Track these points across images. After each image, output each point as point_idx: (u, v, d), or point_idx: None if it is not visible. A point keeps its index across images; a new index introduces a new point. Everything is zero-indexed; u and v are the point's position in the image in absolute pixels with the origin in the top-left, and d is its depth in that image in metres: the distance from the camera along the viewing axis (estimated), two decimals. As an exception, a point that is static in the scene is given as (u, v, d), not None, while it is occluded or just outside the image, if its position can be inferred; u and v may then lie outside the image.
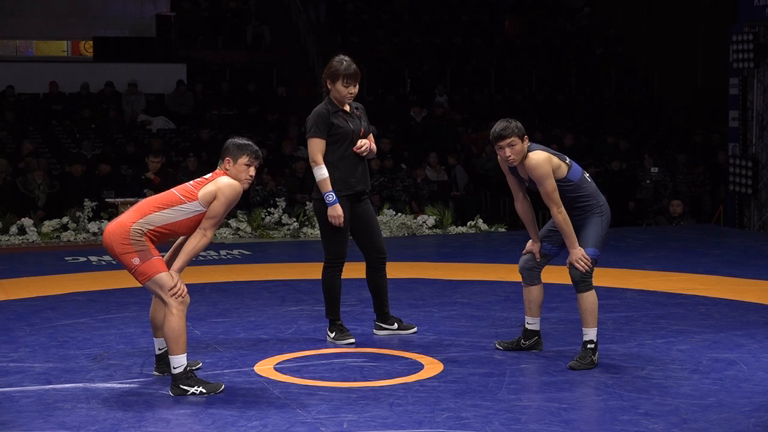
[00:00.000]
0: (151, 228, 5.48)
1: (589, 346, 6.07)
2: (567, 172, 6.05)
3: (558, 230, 6.09)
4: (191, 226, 5.58)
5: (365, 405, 5.30)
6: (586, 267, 6.01)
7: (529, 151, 6.05)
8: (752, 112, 14.60)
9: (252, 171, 5.65)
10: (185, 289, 5.49)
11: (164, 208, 5.53)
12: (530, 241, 6.31)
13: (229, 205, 5.56)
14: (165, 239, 5.58)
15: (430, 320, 7.41)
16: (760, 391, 5.54)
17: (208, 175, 5.69)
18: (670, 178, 15.93)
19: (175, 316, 5.44)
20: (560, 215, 5.99)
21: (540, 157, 5.99)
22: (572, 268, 6.04)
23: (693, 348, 6.53)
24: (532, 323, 6.41)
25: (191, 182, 5.69)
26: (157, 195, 5.71)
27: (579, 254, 6.01)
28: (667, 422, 5.01)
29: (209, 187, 5.57)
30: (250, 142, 5.71)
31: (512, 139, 6.00)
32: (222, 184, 5.56)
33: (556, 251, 6.25)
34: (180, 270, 5.54)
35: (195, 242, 5.53)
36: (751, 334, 6.91)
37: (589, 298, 6.06)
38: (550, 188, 5.96)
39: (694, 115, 21.21)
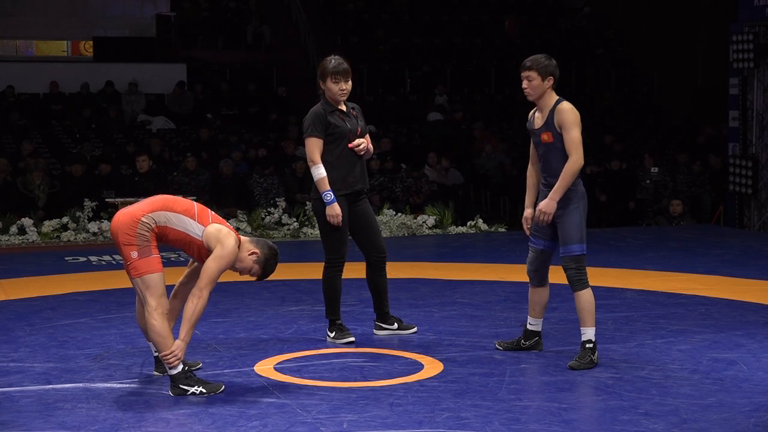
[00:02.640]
0: (157, 224, 5.50)
1: (587, 345, 6.07)
2: None
3: (540, 222, 6.09)
4: (183, 243, 5.59)
5: (365, 405, 5.30)
6: (546, 220, 6.04)
7: (560, 99, 6.10)
8: (752, 112, 14.59)
9: (252, 273, 5.66)
10: (181, 358, 5.47)
11: (172, 212, 5.54)
12: (527, 208, 6.30)
13: (222, 268, 5.52)
14: (162, 240, 5.58)
15: (430, 320, 7.41)
16: (760, 391, 5.54)
17: (230, 226, 5.68)
18: (670, 178, 15.92)
19: (156, 320, 5.46)
20: (577, 164, 5.96)
21: (572, 107, 6.07)
22: (566, 268, 6.06)
23: (693, 348, 6.53)
24: (534, 324, 6.40)
25: (214, 213, 5.70)
26: (177, 197, 5.74)
27: (551, 208, 6.00)
28: (667, 422, 5.01)
29: (215, 235, 5.51)
30: (276, 253, 5.68)
31: (531, 72, 6.10)
32: (225, 247, 5.49)
33: (549, 245, 6.22)
34: (186, 340, 5.49)
35: (193, 306, 5.47)
36: (751, 334, 6.91)
37: (585, 297, 6.06)
38: (576, 136, 5.98)
39: (694, 115, 21.21)
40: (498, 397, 5.45)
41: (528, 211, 6.29)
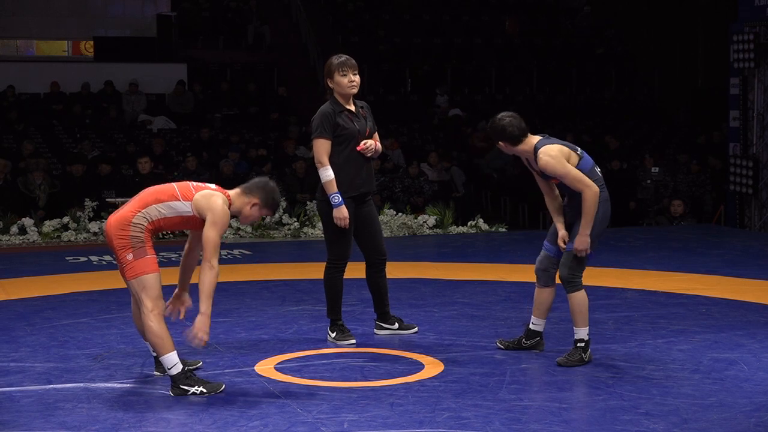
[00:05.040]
0: (150, 221, 5.52)
1: (579, 344, 6.09)
2: (578, 163, 6.03)
3: (581, 255, 6.08)
4: (181, 224, 5.64)
5: (366, 405, 5.30)
6: (583, 254, 6.00)
7: (538, 147, 6.01)
8: (753, 111, 14.60)
9: (260, 218, 5.68)
10: (207, 331, 5.46)
11: (160, 203, 5.57)
12: (559, 231, 6.18)
13: (222, 232, 5.54)
14: (162, 231, 5.65)
15: (431, 320, 7.41)
16: (761, 391, 5.54)
17: (213, 186, 5.70)
18: (671, 178, 15.92)
19: (153, 321, 5.46)
20: (592, 198, 5.89)
21: (549, 155, 5.95)
22: (562, 267, 6.07)
23: (693, 348, 6.53)
24: (537, 324, 6.41)
25: (194, 183, 5.71)
26: (158, 186, 5.73)
27: (585, 244, 5.97)
28: (667, 422, 5.01)
29: (202, 203, 5.54)
30: (279, 196, 5.72)
31: (497, 143, 6.12)
32: (215, 211, 5.51)
33: (560, 255, 6.22)
34: (207, 312, 5.46)
35: (206, 278, 5.45)
36: (752, 334, 6.91)
37: (577, 299, 6.07)
38: (572, 176, 5.92)
39: (695, 115, 21.21)
40: (498, 396, 5.45)
41: (562, 233, 6.17)
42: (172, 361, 5.49)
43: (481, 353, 6.41)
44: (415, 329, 7.01)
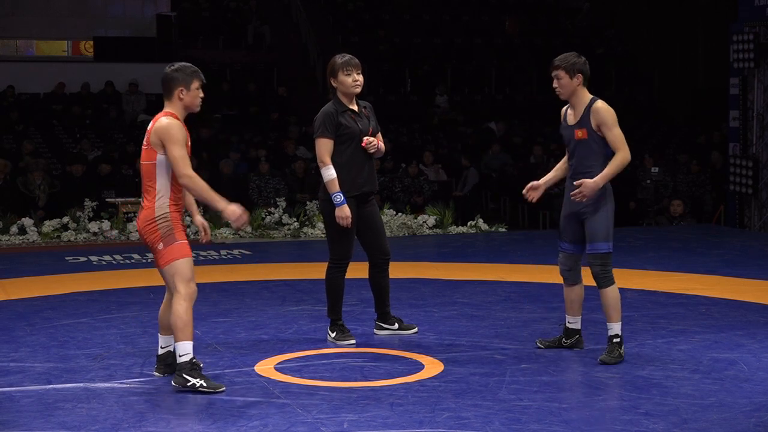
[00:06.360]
0: (168, 198, 5.55)
1: (614, 340, 6.13)
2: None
3: (576, 199, 6.09)
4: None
5: (366, 405, 5.30)
6: (582, 198, 6.02)
7: (595, 98, 6.14)
8: (753, 111, 14.59)
9: (201, 92, 5.65)
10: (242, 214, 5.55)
11: (156, 174, 5.56)
12: (541, 180, 6.37)
13: (181, 143, 5.50)
14: (181, 190, 5.62)
15: (431, 320, 7.41)
16: (761, 391, 5.54)
17: (149, 126, 5.66)
18: (671, 178, 15.92)
19: (183, 306, 5.49)
20: (626, 159, 6.00)
21: (608, 105, 6.10)
22: (591, 265, 6.09)
23: (693, 348, 6.53)
24: (574, 322, 6.42)
25: (144, 143, 5.65)
26: (142, 168, 5.68)
27: (591, 190, 5.99)
28: (667, 422, 5.01)
29: (157, 140, 5.52)
30: (191, 64, 5.71)
31: (559, 71, 6.18)
32: (165, 131, 5.49)
33: (574, 248, 6.24)
34: (224, 203, 5.52)
35: (195, 187, 5.51)
36: (752, 334, 6.91)
37: (611, 293, 6.11)
38: (618, 132, 6.05)
39: (695, 115, 21.22)
40: (498, 397, 5.45)
41: (538, 183, 6.35)
42: (186, 349, 5.51)
43: (481, 353, 6.41)
44: (415, 329, 7.01)
